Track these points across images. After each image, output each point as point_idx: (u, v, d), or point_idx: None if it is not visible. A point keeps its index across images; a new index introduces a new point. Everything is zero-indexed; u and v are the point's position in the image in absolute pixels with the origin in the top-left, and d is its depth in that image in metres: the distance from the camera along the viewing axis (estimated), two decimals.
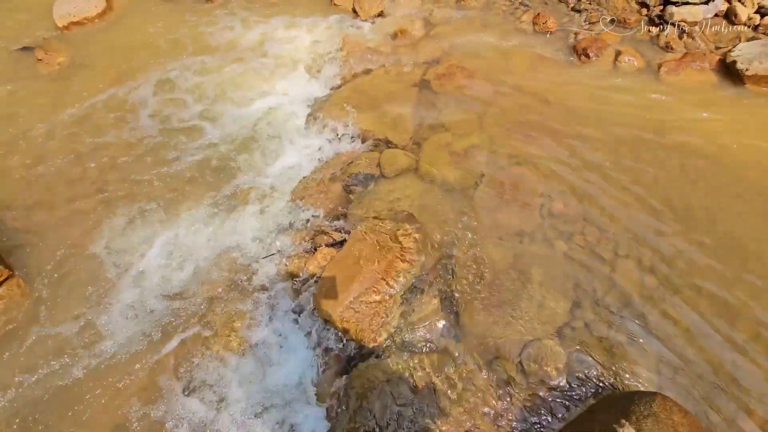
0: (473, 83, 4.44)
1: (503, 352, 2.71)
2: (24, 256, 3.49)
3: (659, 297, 2.84)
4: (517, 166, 3.67)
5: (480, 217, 3.36)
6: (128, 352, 2.99)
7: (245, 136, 4.29)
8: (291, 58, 5.07)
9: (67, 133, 4.43)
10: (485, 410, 2.51)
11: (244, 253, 3.44)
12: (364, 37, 5.25)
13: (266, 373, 2.85)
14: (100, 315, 3.17)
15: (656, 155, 3.61)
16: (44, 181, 4.01)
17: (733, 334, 2.63)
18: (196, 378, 2.87)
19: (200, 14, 5.82)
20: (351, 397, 2.64)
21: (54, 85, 4.94)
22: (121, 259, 3.47)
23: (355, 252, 3.20)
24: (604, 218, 3.26)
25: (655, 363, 2.57)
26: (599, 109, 4.04)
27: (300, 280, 3.25)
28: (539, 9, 5.17)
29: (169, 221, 3.68)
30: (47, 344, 3.05)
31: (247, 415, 2.69)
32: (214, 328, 3.06)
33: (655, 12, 4.74)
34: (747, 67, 3.95)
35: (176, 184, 3.95)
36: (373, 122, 4.22)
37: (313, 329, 3.01)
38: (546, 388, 2.55)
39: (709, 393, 2.44)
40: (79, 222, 3.72)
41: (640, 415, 2.02)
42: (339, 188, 3.76)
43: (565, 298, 2.90)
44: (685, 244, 3.06)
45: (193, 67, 5.06)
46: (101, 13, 5.75)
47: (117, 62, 5.16)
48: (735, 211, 3.20)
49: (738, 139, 3.64)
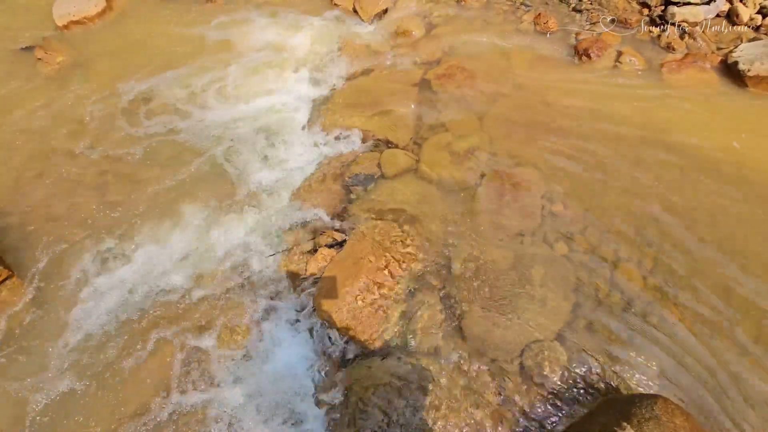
0: (474, 83, 4.43)
1: (504, 353, 2.70)
2: (23, 257, 3.48)
3: (661, 299, 2.83)
4: (518, 166, 3.66)
5: (480, 218, 3.35)
6: (128, 352, 2.98)
7: (245, 135, 4.28)
8: (291, 58, 5.06)
9: (66, 133, 4.42)
10: (486, 412, 2.50)
11: (244, 253, 3.42)
12: (365, 37, 5.24)
13: (266, 374, 2.85)
14: (98, 315, 3.16)
15: (657, 156, 3.60)
16: (43, 182, 4.00)
17: (736, 336, 2.62)
18: (195, 378, 2.86)
19: (200, 14, 5.80)
20: (351, 397, 2.64)
21: (53, 84, 4.93)
22: (119, 259, 3.46)
23: (355, 252, 3.19)
24: (605, 219, 3.25)
25: (657, 365, 2.56)
26: (600, 109, 4.03)
27: (300, 281, 3.24)
28: (540, 9, 5.16)
29: (168, 221, 3.67)
30: (45, 345, 3.04)
31: (246, 415, 2.68)
32: (214, 327, 3.05)
33: (656, 12, 4.73)
34: (748, 67, 3.94)
35: (176, 184, 3.93)
36: (373, 122, 4.21)
37: (314, 329, 3.00)
38: (547, 390, 2.54)
39: (711, 396, 2.43)
40: (78, 222, 3.70)
41: (642, 418, 2.01)
42: (339, 188, 3.75)
43: (566, 299, 2.89)
44: (686, 245, 3.05)
45: (193, 66, 5.05)
46: (101, 13, 5.73)
47: (117, 62, 5.15)
48: (737, 212, 3.19)
49: (739, 139, 3.63)
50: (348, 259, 3.18)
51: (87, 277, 3.37)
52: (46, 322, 3.15)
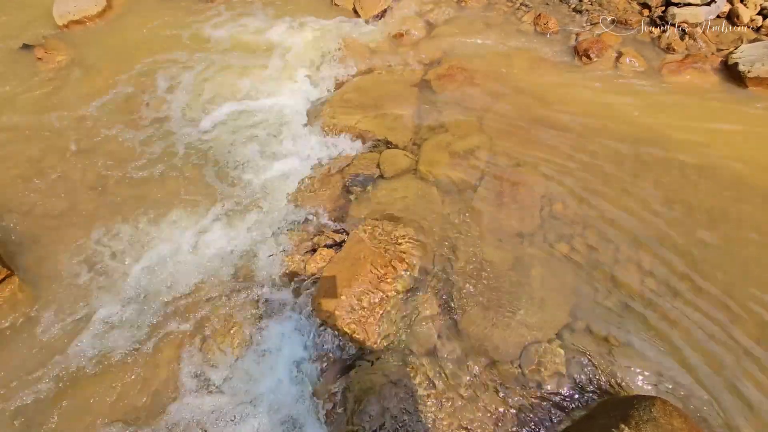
0: (474, 84, 4.43)
1: (502, 354, 2.70)
2: (23, 256, 3.48)
3: (660, 300, 2.82)
4: (517, 167, 3.66)
5: (480, 219, 3.35)
6: (127, 351, 2.98)
7: (245, 136, 4.28)
8: (291, 58, 5.06)
9: (66, 132, 4.42)
10: (484, 413, 2.50)
11: (243, 253, 3.42)
12: (365, 38, 5.23)
13: (264, 374, 2.84)
14: (98, 315, 3.16)
15: (657, 157, 3.60)
16: (44, 182, 4.00)
17: (735, 338, 2.62)
18: (193, 378, 2.85)
19: (200, 14, 5.80)
20: (349, 398, 2.63)
21: (53, 84, 4.93)
22: (120, 259, 3.46)
23: (354, 253, 3.19)
24: (605, 220, 3.25)
25: (656, 366, 2.55)
26: (600, 110, 4.02)
27: (299, 281, 3.24)
28: (540, 10, 5.16)
29: (168, 221, 3.67)
30: (45, 343, 3.04)
31: (245, 416, 2.68)
32: (213, 328, 3.05)
33: (657, 13, 4.72)
34: (749, 68, 3.94)
35: (175, 184, 3.93)
36: (373, 123, 4.21)
37: (312, 330, 3.00)
38: (545, 391, 2.54)
39: (710, 397, 2.43)
40: (78, 222, 3.70)
41: (640, 420, 2.00)
42: (338, 189, 3.75)
43: (565, 300, 2.89)
44: (686, 247, 3.04)
45: (192, 66, 5.05)
46: (101, 12, 5.73)
47: (116, 61, 5.15)
48: (737, 213, 3.19)
49: (740, 140, 3.63)
50: (347, 259, 3.18)
51: (85, 278, 3.36)
52: (43, 321, 3.15)
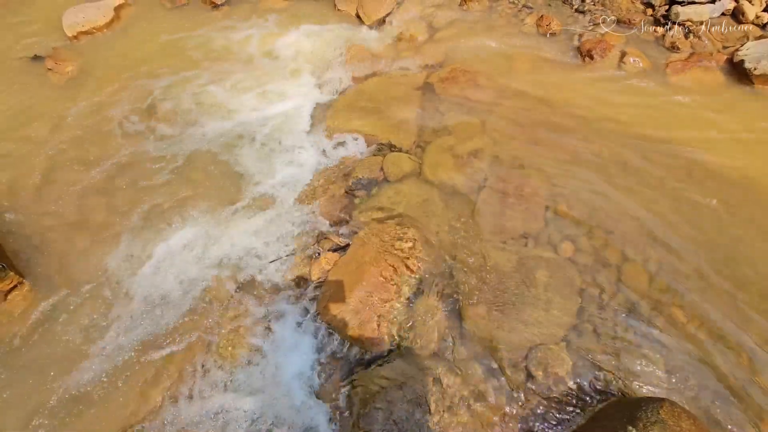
0: (477, 87, 4.43)
1: (508, 357, 2.69)
2: (34, 263, 3.54)
3: (666, 301, 2.80)
4: (521, 169, 3.65)
5: (484, 221, 3.35)
6: (133, 356, 3.02)
7: (249, 141, 4.33)
8: (295, 64, 5.10)
9: (76, 141, 4.49)
10: (490, 416, 2.49)
11: (248, 257, 3.45)
12: (368, 42, 5.27)
13: (269, 378, 2.86)
14: (107, 320, 3.21)
15: (663, 156, 3.57)
16: (54, 189, 4.07)
17: (742, 339, 2.59)
18: (198, 382, 2.88)
19: (206, 22, 5.88)
20: (355, 402, 2.64)
21: (63, 94, 5.03)
22: (127, 264, 3.51)
23: (358, 256, 3.21)
24: (610, 221, 3.23)
25: (663, 368, 2.53)
26: (604, 110, 4.00)
27: (304, 285, 3.26)
28: (543, 11, 5.15)
29: (175, 227, 3.71)
30: (54, 350, 3.09)
31: (250, 420, 2.70)
32: (218, 332, 3.08)
33: (661, 12, 4.69)
34: (755, 66, 3.90)
35: (182, 190, 3.98)
36: (376, 126, 4.23)
37: (317, 334, 3.01)
38: (551, 393, 2.53)
39: (718, 399, 2.40)
40: (87, 229, 3.76)
41: (648, 422, 1.99)
42: (342, 192, 3.77)
43: (571, 302, 2.87)
44: (692, 248, 3.01)
45: (199, 74, 5.12)
46: (109, 23, 5.84)
47: (124, 70, 5.23)
48: (743, 213, 3.15)
49: (747, 138, 3.59)
50: (351, 263, 3.20)
51: (96, 284, 3.42)
52: (55, 327, 3.20)
